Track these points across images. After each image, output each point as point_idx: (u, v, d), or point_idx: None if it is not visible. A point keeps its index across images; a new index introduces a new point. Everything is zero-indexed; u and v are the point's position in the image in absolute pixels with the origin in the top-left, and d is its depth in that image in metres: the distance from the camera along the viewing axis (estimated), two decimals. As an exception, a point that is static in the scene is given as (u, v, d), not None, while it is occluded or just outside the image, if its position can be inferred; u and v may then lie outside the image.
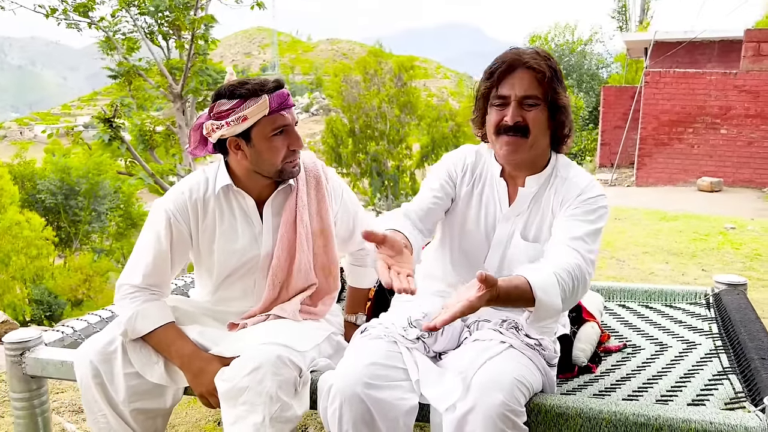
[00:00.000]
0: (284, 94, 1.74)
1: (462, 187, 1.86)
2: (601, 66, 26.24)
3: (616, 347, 2.02)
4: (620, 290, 2.47)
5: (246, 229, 1.86)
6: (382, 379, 1.54)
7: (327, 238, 1.94)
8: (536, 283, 1.58)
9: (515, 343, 1.61)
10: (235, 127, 1.72)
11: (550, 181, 1.76)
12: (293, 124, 1.79)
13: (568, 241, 1.60)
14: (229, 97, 1.72)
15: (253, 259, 1.87)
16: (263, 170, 1.79)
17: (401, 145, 36.46)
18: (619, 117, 14.85)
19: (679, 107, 12.24)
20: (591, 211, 1.67)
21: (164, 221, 1.81)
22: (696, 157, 12.36)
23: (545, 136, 1.71)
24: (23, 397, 1.97)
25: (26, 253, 23.89)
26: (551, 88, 1.65)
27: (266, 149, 1.74)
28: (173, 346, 1.72)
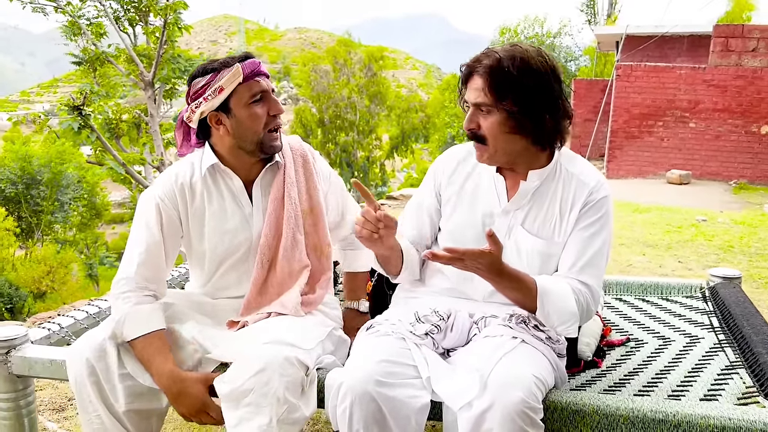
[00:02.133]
0: (255, 62, 1.75)
1: (449, 188, 1.84)
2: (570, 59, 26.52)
3: (619, 341, 2.01)
4: (616, 283, 2.46)
5: (236, 210, 1.82)
6: (394, 377, 1.50)
7: (317, 216, 1.90)
8: (542, 281, 1.60)
9: (526, 337, 1.58)
10: (213, 101, 1.71)
11: (555, 175, 1.73)
12: (270, 91, 1.78)
13: (578, 273, 1.65)
14: (202, 74, 1.73)
15: (245, 242, 1.83)
16: (246, 141, 1.76)
17: (371, 136, 36.46)
18: (590, 110, 15.02)
19: (649, 101, 12.44)
20: (598, 219, 1.68)
21: (153, 209, 1.78)
22: (665, 150, 12.58)
23: (513, 141, 1.64)
24: (9, 398, 1.88)
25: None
26: (501, 94, 1.59)
27: (247, 117, 1.73)
28: (153, 361, 1.63)
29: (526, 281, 1.62)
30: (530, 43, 1.69)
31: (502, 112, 1.60)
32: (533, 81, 1.58)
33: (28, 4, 8.32)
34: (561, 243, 1.71)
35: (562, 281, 1.64)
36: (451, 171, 1.85)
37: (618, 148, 12.88)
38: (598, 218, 1.69)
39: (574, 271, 1.66)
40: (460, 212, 1.81)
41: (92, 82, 10.41)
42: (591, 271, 1.67)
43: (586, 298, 1.64)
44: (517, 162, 1.71)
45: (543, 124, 1.62)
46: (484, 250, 1.53)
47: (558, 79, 1.64)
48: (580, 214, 1.69)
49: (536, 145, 1.68)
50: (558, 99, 1.64)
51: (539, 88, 1.59)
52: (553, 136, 1.67)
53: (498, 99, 1.58)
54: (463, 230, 1.78)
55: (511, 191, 1.75)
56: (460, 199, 1.82)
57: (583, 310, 1.64)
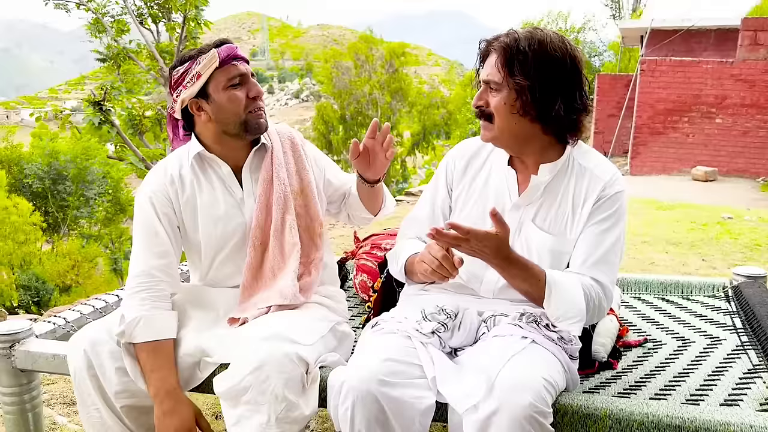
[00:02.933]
0: (232, 47, 1.74)
1: (460, 181, 1.79)
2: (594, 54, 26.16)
3: (637, 342, 1.94)
4: (635, 282, 2.38)
5: (227, 197, 1.80)
6: (398, 376, 1.45)
7: (307, 197, 1.88)
8: (552, 272, 1.57)
9: (537, 337, 1.52)
10: (192, 88, 1.72)
11: (568, 170, 1.66)
12: (248, 74, 1.77)
13: (589, 269, 1.58)
14: (180, 63, 1.74)
15: (239, 228, 1.80)
16: (229, 125, 1.74)
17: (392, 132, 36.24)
18: (613, 105, 14.78)
19: (674, 96, 12.20)
20: (611, 214, 1.62)
21: (147, 203, 1.77)
22: (691, 146, 12.33)
23: (521, 123, 1.58)
24: (12, 392, 1.87)
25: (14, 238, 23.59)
26: (512, 72, 1.54)
27: (226, 100, 1.72)
28: (156, 372, 1.61)
29: (534, 270, 1.56)
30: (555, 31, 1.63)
31: (511, 90, 1.55)
32: (548, 64, 1.53)
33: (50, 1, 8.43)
34: (573, 240, 1.64)
35: (573, 276, 1.58)
36: (464, 166, 1.80)
37: (642, 144, 12.66)
38: (611, 213, 1.62)
39: (585, 267, 1.60)
40: (471, 207, 1.75)
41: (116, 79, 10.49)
42: (603, 267, 1.60)
43: (598, 294, 1.57)
44: (526, 150, 1.65)
45: (552, 110, 1.55)
46: (489, 232, 1.47)
47: (577, 70, 1.57)
48: (593, 209, 1.62)
49: (547, 135, 1.61)
50: (575, 90, 1.58)
51: (553, 73, 1.53)
52: (565, 127, 1.60)
53: (509, 76, 1.54)
54: (474, 227, 1.72)
55: (522, 186, 1.69)
56: (470, 194, 1.77)
57: (594, 307, 1.57)
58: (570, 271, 1.62)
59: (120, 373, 1.61)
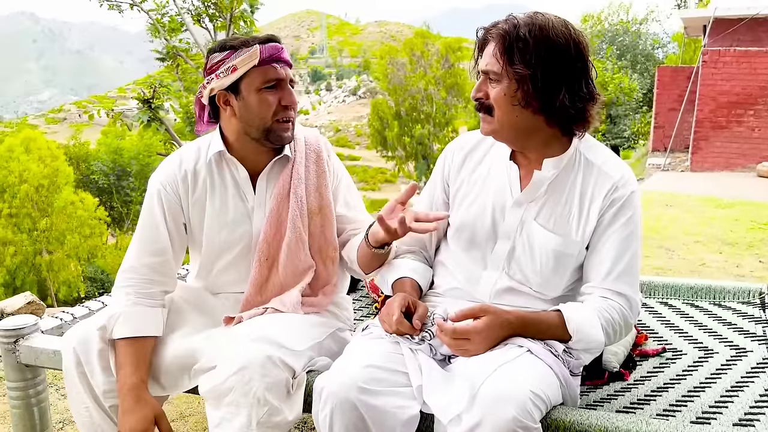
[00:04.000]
0: (277, 47, 1.64)
1: (458, 176, 1.70)
2: (657, 46, 25.23)
3: (654, 351, 1.81)
4: (663, 286, 2.23)
5: (238, 203, 1.72)
6: (380, 384, 1.38)
7: (325, 217, 1.76)
8: (566, 309, 1.48)
9: (534, 347, 1.42)
10: (224, 79, 1.62)
11: (574, 166, 1.55)
12: (287, 80, 1.66)
13: (614, 282, 1.49)
14: (220, 50, 1.64)
15: (244, 237, 1.72)
16: (253, 128, 1.65)
17: (447, 128, 36.06)
18: (674, 99, 14.20)
19: (739, 88, 11.60)
20: (630, 219, 1.51)
21: (155, 195, 1.71)
22: (756, 141, 11.72)
23: (522, 116, 1.48)
24: (18, 387, 1.89)
25: (80, 232, 24.63)
26: (511, 61, 1.43)
27: (256, 102, 1.62)
28: (124, 368, 1.57)
29: (548, 319, 1.48)
30: (556, 15, 1.51)
31: (511, 80, 1.44)
32: (550, 51, 1.42)
33: (105, 2, 8.70)
34: (579, 242, 1.53)
35: (588, 310, 1.47)
36: (461, 159, 1.70)
37: (703, 139, 12.10)
38: (630, 217, 1.51)
39: (610, 281, 1.49)
40: (469, 205, 1.65)
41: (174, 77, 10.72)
42: (627, 278, 1.50)
43: (622, 312, 1.48)
44: (528, 144, 1.54)
45: (555, 100, 1.44)
46: (476, 325, 1.42)
47: (581, 56, 1.46)
48: (606, 211, 1.51)
49: (552, 127, 1.51)
50: (580, 77, 1.47)
51: (555, 60, 1.42)
52: (570, 118, 1.48)
53: (509, 65, 1.43)
54: (472, 225, 1.63)
55: (525, 181, 1.58)
56: (469, 191, 1.67)
57: (619, 328, 1.49)
58: (592, 285, 1.52)
59: (107, 372, 1.60)
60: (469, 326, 1.42)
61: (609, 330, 1.47)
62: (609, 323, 1.47)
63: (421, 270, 1.71)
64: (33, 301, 3.67)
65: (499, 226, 1.60)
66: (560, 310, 1.48)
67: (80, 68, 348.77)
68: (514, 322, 1.46)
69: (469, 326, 1.42)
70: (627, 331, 1.53)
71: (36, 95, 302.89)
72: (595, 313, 1.47)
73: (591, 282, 1.53)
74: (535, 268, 1.55)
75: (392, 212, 1.60)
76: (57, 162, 26.01)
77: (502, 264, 1.59)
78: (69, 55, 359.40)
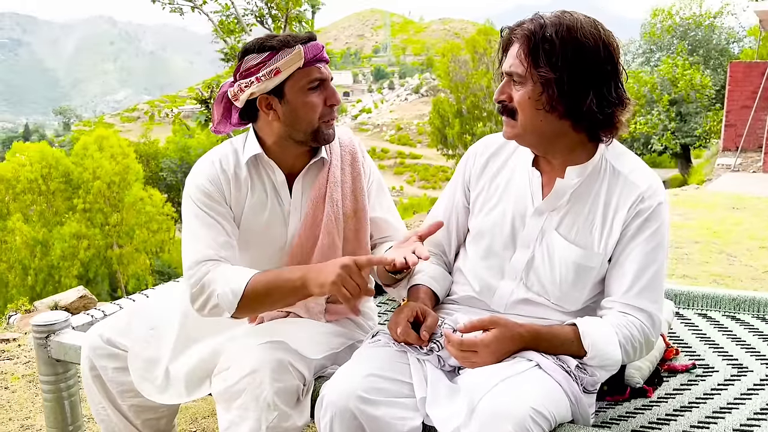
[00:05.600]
0: (319, 45, 1.58)
1: (479, 180, 1.64)
2: (732, 41, 24.05)
3: (683, 366, 1.71)
4: (702, 296, 2.11)
5: (274, 205, 1.67)
6: (381, 394, 1.36)
7: (360, 221, 1.71)
8: (583, 324, 1.42)
9: (544, 362, 1.37)
10: (266, 83, 1.54)
11: (600, 174, 1.48)
12: (329, 79, 1.62)
13: (636, 297, 1.42)
14: (258, 51, 1.55)
15: (278, 239, 1.67)
16: (299, 131, 1.59)
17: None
18: (748, 96, 13.52)
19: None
20: (656, 231, 1.43)
21: (198, 193, 1.61)
22: (837, 140, 11.02)
23: (547, 120, 1.41)
24: (49, 380, 1.96)
25: (148, 227, 25.59)
26: (536, 62, 1.36)
27: (302, 105, 1.56)
28: (280, 278, 1.48)
29: (563, 333, 1.42)
30: (585, 15, 1.44)
31: (536, 83, 1.38)
32: (578, 53, 1.35)
33: (167, 5, 8.98)
34: (600, 254, 1.46)
35: (607, 326, 1.41)
36: (483, 163, 1.66)
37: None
38: (656, 229, 1.44)
39: (631, 296, 1.43)
40: (489, 211, 1.61)
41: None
42: (650, 294, 1.43)
43: (643, 330, 1.42)
44: (552, 150, 1.48)
45: (583, 105, 1.37)
46: (484, 337, 1.38)
47: (611, 58, 1.39)
48: (631, 222, 1.44)
49: (578, 133, 1.44)
50: (609, 81, 1.40)
51: (583, 63, 1.36)
52: (598, 124, 1.42)
53: (534, 67, 1.37)
54: (490, 232, 1.58)
55: (547, 189, 1.52)
56: (489, 196, 1.62)
57: (639, 346, 1.42)
58: (612, 300, 1.46)
59: (120, 372, 1.63)
60: (477, 338, 1.38)
61: (627, 347, 1.40)
62: (627, 340, 1.40)
63: (439, 277, 1.67)
64: (85, 295, 3.82)
65: (519, 234, 1.54)
66: (576, 324, 1.42)
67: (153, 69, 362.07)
68: (526, 335, 1.40)
69: (477, 338, 1.38)
70: (648, 349, 1.46)
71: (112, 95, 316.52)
72: (612, 328, 1.40)
73: (612, 296, 1.46)
74: (554, 280, 1.49)
75: (406, 242, 1.52)
76: (128, 159, 27.08)
77: (520, 274, 1.54)
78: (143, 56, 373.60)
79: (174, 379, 1.62)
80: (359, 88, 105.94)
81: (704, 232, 5.95)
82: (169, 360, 1.64)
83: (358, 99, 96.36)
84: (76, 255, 24.34)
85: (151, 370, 1.63)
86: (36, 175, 25.87)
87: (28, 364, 3.08)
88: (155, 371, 1.63)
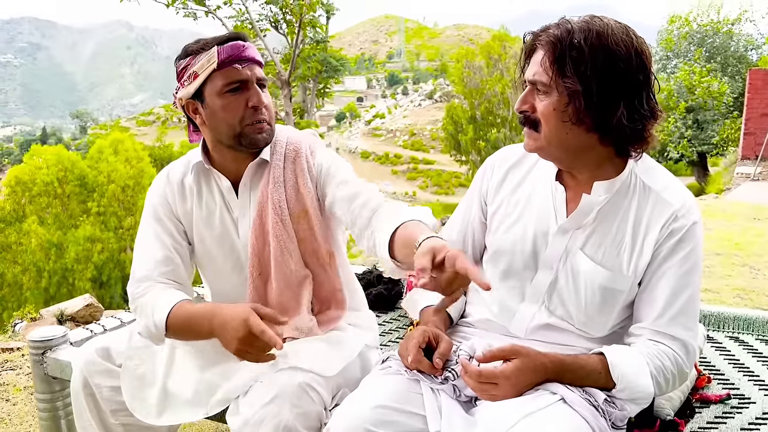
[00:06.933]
0: (238, 45, 1.52)
1: (496, 194, 1.53)
2: (751, 47, 23.76)
3: (717, 397, 1.59)
4: (733, 318, 1.99)
5: (224, 214, 1.64)
6: (390, 427, 1.26)
7: (311, 219, 1.63)
8: (612, 354, 1.31)
9: (569, 396, 1.26)
10: (188, 87, 1.54)
11: (629, 190, 1.37)
12: (253, 80, 1.54)
13: (668, 324, 1.33)
14: (183, 56, 1.55)
15: (233, 249, 1.64)
16: (222, 135, 1.55)
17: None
18: (767, 104, 13.30)
19: (841, 92, 10.71)
20: (690, 253, 1.33)
21: (150, 208, 1.66)
22: None
23: (573, 133, 1.31)
24: (45, 398, 1.89)
25: (161, 231, 25.58)
26: (564, 71, 1.26)
27: (220, 108, 1.52)
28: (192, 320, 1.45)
29: (589, 364, 1.31)
30: (616, 20, 1.34)
31: (562, 93, 1.28)
32: (608, 62, 1.25)
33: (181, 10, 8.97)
34: (630, 276, 1.35)
35: (635, 353, 1.31)
36: (501, 176, 1.55)
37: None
38: (690, 251, 1.33)
39: (663, 323, 1.32)
40: (507, 228, 1.50)
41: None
42: (684, 321, 1.33)
43: (677, 360, 1.31)
44: (577, 164, 1.38)
45: (612, 118, 1.27)
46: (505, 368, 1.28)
47: (644, 67, 1.28)
48: (664, 243, 1.33)
49: (606, 146, 1.34)
50: (641, 92, 1.29)
51: (614, 72, 1.25)
52: (627, 138, 1.32)
53: (560, 76, 1.27)
54: (510, 251, 1.47)
55: (572, 205, 1.41)
56: (508, 212, 1.51)
57: (668, 380, 1.32)
58: (642, 326, 1.35)
59: (115, 391, 1.55)
60: (497, 369, 1.28)
61: (660, 379, 1.29)
62: (660, 371, 1.29)
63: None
64: (91, 304, 3.75)
65: (541, 254, 1.44)
66: (603, 353, 1.32)
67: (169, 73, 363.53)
68: (550, 366, 1.30)
69: (497, 369, 1.28)
70: (681, 381, 1.35)
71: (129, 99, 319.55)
72: (644, 358, 1.29)
73: (642, 323, 1.35)
74: (579, 304, 1.39)
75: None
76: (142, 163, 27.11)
77: (542, 297, 1.43)
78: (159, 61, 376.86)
79: (173, 399, 1.53)
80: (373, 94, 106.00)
81: (725, 244, 5.79)
82: (164, 377, 1.56)
83: (371, 104, 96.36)
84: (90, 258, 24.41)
85: (144, 389, 1.55)
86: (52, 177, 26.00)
87: (30, 376, 3.01)
88: (150, 390, 1.55)
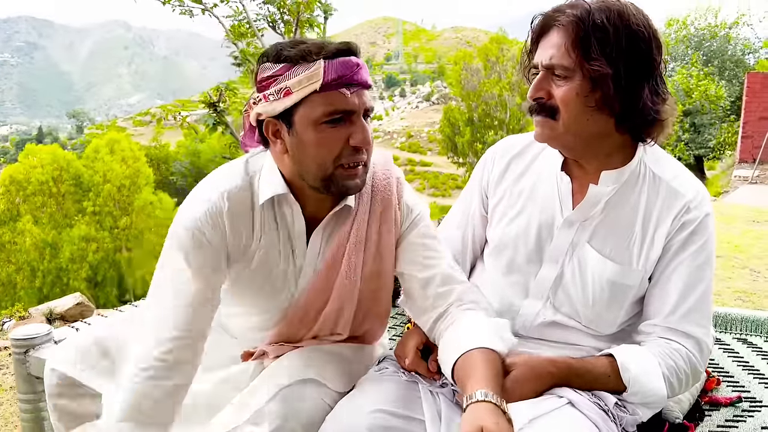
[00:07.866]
0: (351, 64, 1.19)
1: (498, 186, 1.47)
2: (748, 51, 23.78)
3: (727, 399, 1.53)
4: (741, 320, 1.92)
5: (287, 257, 1.35)
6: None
7: (381, 281, 1.40)
8: (621, 355, 1.25)
9: (578, 399, 1.19)
10: (274, 104, 1.20)
11: (638, 180, 1.31)
12: (361, 112, 1.22)
13: (680, 321, 1.27)
14: (274, 60, 1.21)
15: (283, 303, 1.39)
16: (308, 173, 1.25)
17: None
18: (765, 107, 13.32)
19: (839, 95, 10.70)
20: (703, 246, 1.27)
21: (188, 238, 1.27)
22: None
23: (594, 120, 1.24)
24: (28, 399, 1.82)
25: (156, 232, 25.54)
26: (588, 54, 1.18)
27: (313, 142, 1.20)
28: None
29: (597, 367, 1.26)
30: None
31: (586, 77, 1.20)
32: (632, 42, 1.19)
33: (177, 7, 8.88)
34: (640, 271, 1.29)
35: (646, 353, 1.25)
36: (503, 166, 1.48)
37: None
38: (703, 244, 1.27)
39: (675, 319, 1.26)
40: (510, 221, 1.44)
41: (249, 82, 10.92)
42: (697, 317, 1.27)
43: (690, 359, 1.25)
44: (588, 153, 1.31)
45: (638, 101, 1.20)
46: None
47: (660, 49, 1.23)
48: (675, 236, 1.28)
49: (621, 133, 1.27)
50: (659, 73, 1.23)
51: (639, 53, 1.19)
52: (648, 122, 1.24)
53: (584, 60, 1.19)
54: (513, 245, 1.41)
55: (579, 196, 1.35)
56: (511, 204, 1.45)
57: (681, 381, 1.26)
58: (653, 323, 1.29)
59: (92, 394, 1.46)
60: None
61: (672, 380, 1.23)
62: (673, 372, 1.23)
63: None
64: (82, 302, 3.68)
65: (546, 247, 1.37)
66: (613, 354, 1.25)
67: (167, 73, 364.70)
68: (556, 372, 1.24)
69: None
70: (695, 380, 1.29)
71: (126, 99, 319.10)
72: (655, 359, 1.23)
73: (652, 319, 1.29)
74: (585, 300, 1.32)
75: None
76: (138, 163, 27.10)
77: (547, 293, 1.37)
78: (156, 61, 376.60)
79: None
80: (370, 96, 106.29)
81: (725, 246, 5.74)
82: None
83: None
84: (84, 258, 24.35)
85: None
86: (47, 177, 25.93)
87: (17, 375, 2.94)
88: None
